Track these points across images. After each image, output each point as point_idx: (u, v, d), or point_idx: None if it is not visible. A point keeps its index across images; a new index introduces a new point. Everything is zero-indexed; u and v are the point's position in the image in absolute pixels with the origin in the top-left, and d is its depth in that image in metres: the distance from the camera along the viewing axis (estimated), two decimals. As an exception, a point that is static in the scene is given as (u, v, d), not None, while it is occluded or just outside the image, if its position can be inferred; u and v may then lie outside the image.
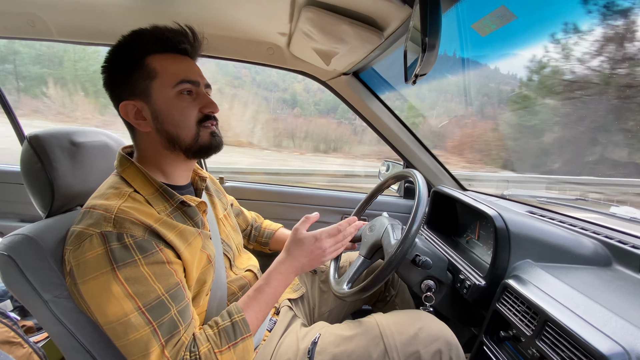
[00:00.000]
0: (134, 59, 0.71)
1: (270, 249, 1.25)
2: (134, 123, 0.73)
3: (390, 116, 1.43)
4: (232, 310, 0.72)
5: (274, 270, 0.81)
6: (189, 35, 0.75)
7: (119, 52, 0.72)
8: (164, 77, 0.72)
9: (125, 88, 0.72)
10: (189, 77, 0.74)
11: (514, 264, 0.85)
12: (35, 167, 0.74)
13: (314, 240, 0.83)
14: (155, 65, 0.71)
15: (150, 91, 0.72)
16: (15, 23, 1.18)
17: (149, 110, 0.73)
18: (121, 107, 0.72)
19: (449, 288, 0.96)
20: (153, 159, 0.77)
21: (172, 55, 0.74)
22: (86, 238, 0.61)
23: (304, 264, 0.82)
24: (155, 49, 0.72)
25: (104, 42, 1.23)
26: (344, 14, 0.82)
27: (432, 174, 1.51)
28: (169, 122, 0.73)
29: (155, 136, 0.74)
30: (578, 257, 0.86)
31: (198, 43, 0.78)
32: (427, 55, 0.53)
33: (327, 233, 0.85)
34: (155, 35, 0.72)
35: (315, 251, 0.82)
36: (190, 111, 0.74)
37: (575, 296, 0.69)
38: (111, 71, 0.73)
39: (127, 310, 0.60)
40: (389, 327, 0.85)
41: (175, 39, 0.73)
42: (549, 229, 0.91)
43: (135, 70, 0.71)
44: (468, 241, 1.23)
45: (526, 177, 3.67)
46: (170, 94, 0.72)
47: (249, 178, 1.81)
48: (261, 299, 0.76)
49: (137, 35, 0.72)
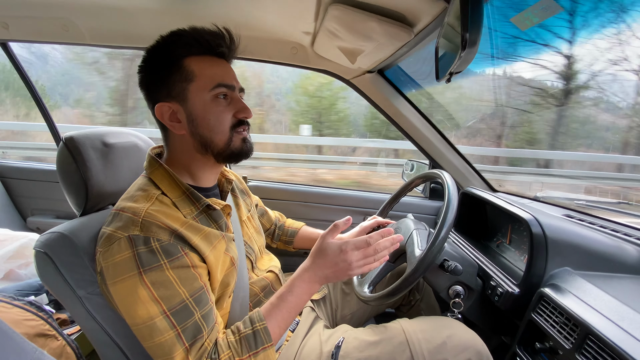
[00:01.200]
0: (172, 60, 0.71)
1: (294, 247, 1.25)
2: (169, 125, 0.73)
3: (417, 114, 1.39)
4: (254, 317, 0.71)
5: (297, 277, 0.76)
6: (226, 38, 0.74)
7: (157, 52, 0.72)
8: (202, 80, 0.72)
9: (162, 89, 0.72)
10: (225, 81, 0.73)
11: (551, 272, 0.80)
12: (70, 168, 0.76)
13: (339, 251, 0.74)
14: (194, 67, 0.71)
15: (187, 94, 0.72)
16: (49, 28, 1.23)
17: (184, 113, 0.73)
18: (157, 109, 0.72)
19: (478, 294, 0.92)
20: (183, 161, 0.77)
21: (210, 58, 0.74)
22: (115, 241, 0.62)
23: (328, 275, 0.75)
24: (193, 51, 0.72)
25: (135, 45, 1.27)
26: (372, 10, 0.79)
27: (460, 175, 1.46)
28: (204, 125, 0.73)
29: (189, 139, 0.74)
30: (621, 265, 0.80)
31: (234, 46, 0.77)
32: (466, 52, 0.50)
33: (354, 245, 0.74)
34: (195, 37, 0.71)
35: (340, 263, 0.73)
36: (225, 116, 0.74)
37: (619, 308, 0.64)
38: (148, 71, 0.73)
39: (153, 313, 0.61)
40: (415, 333, 0.82)
41: (214, 41, 0.73)
42: (589, 235, 0.85)
43: (173, 72, 0.71)
44: (499, 245, 1.18)
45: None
46: (206, 97, 0.72)
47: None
48: (284, 307, 0.73)
49: (176, 36, 0.72)
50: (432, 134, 1.42)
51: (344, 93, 5.58)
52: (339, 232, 0.79)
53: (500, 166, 4.29)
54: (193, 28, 0.72)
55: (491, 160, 4.37)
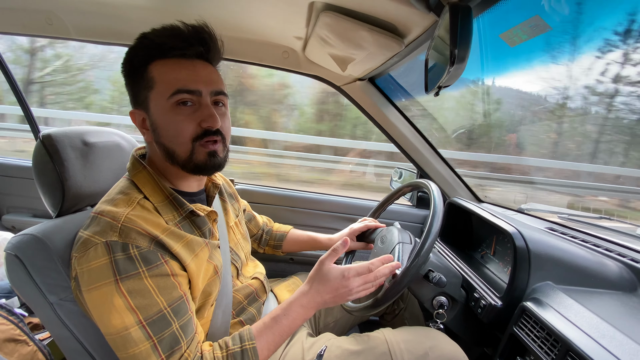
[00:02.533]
0: (137, 66, 0.68)
1: (283, 251, 1.23)
2: (141, 131, 0.72)
3: (406, 124, 1.40)
4: (244, 335, 0.68)
5: (294, 301, 0.74)
6: (195, 37, 0.68)
7: (127, 57, 0.69)
8: (160, 87, 0.66)
9: (132, 96, 0.71)
10: (187, 86, 0.66)
11: (534, 286, 0.81)
12: (46, 167, 0.73)
13: (341, 277, 0.73)
14: (154, 73, 0.67)
15: (149, 102, 0.68)
16: (33, 21, 1.18)
17: (149, 121, 0.70)
18: (130, 114, 0.72)
19: (462, 306, 0.93)
20: (161, 166, 0.75)
21: (176, 60, 0.68)
22: (91, 246, 0.60)
23: (327, 300, 0.73)
24: (157, 55, 0.67)
25: (122, 42, 1.23)
26: (364, 19, 0.79)
27: (447, 184, 1.47)
28: (164, 135, 0.68)
29: (156, 147, 0.72)
30: (602, 281, 0.81)
31: (213, 44, 0.71)
32: (455, 67, 0.50)
33: (357, 271, 0.74)
34: (156, 40, 0.66)
35: (341, 289, 0.73)
36: (185, 125, 0.67)
37: (599, 324, 0.65)
38: (123, 76, 0.71)
39: (128, 323, 0.58)
40: (398, 344, 0.82)
41: (177, 44, 0.66)
42: (571, 250, 0.86)
43: (138, 79, 0.68)
44: (483, 256, 1.19)
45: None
46: (165, 105, 0.67)
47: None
48: (276, 329, 0.70)
49: (141, 39, 0.68)
50: (420, 143, 1.42)
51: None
52: (338, 255, 0.77)
53: (486, 172, 4.36)
54: (157, 30, 0.67)
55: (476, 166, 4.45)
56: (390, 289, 0.76)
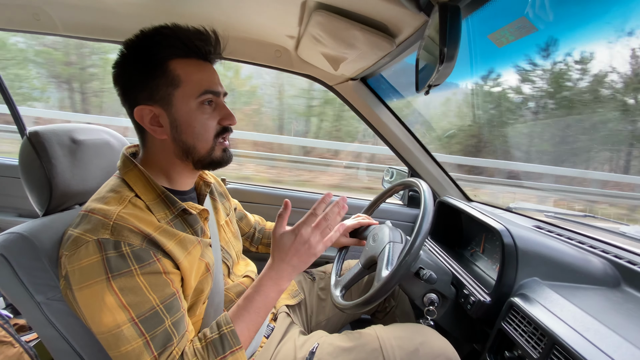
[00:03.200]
0: (155, 62, 0.67)
1: None
2: (149, 129, 0.70)
3: (397, 123, 1.41)
4: (220, 321, 0.68)
5: (263, 276, 0.75)
6: (212, 40, 0.71)
7: (138, 51, 0.67)
8: (188, 87, 0.68)
9: (143, 91, 0.68)
10: (211, 87, 0.71)
11: (521, 282, 0.82)
12: (33, 165, 0.72)
13: (294, 236, 0.74)
14: (180, 72, 0.67)
15: (172, 99, 0.68)
16: (20, 15, 1.16)
17: (167, 118, 0.69)
18: (136, 111, 0.68)
19: (452, 302, 0.94)
20: (160, 164, 0.74)
21: (196, 61, 0.71)
22: (83, 244, 0.59)
23: (295, 265, 0.74)
24: (179, 54, 0.68)
25: (111, 38, 1.22)
26: (356, 19, 0.80)
27: (437, 183, 1.49)
28: (188, 132, 0.70)
29: (170, 144, 0.71)
30: (586, 276, 0.84)
31: (220, 49, 0.74)
32: (444, 66, 0.51)
33: (304, 223, 0.75)
34: (181, 39, 0.67)
35: (300, 248, 0.73)
36: (210, 123, 0.72)
37: (584, 318, 0.66)
38: (127, 70, 0.68)
39: (120, 321, 0.58)
40: (389, 340, 0.83)
41: (202, 45, 0.69)
42: (557, 247, 0.89)
43: (157, 75, 0.67)
44: (472, 254, 1.20)
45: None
46: (192, 104, 0.69)
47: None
48: (251, 308, 0.71)
49: (160, 36, 0.67)
50: (411, 143, 1.44)
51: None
52: (285, 220, 0.79)
53: (475, 176, 4.42)
54: (179, 28, 0.68)
55: (466, 169, 4.51)
56: (381, 287, 0.77)
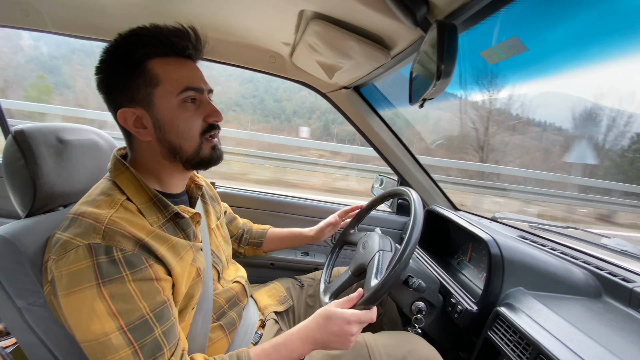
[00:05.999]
0: (134, 63, 0.66)
1: (264, 251, 1.22)
2: (134, 131, 0.69)
3: (388, 132, 1.43)
4: (242, 356, 0.68)
5: (295, 333, 0.74)
6: (192, 38, 0.70)
7: (117, 53, 0.66)
8: (168, 85, 0.67)
9: (124, 94, 0.67)
10: (193, 84, 0.69)
11: (507, 291, 0.84)
12: (17, 164, 0.69)
13: (345, 322, 0.72)
14: (158, 71, 0.66)
15: (153, 99, 0.67)
16: (8, 11, 1.13)
17: (150, 119, 0.68)
18: (119, 114, 0.67)
19: (439, 311, 0.95)
20: (150, 166, 0.73)
21: (175, 59, 0.69)
22: (72, 249, 0.57)
23: (326, 341, 0.72)
24: (156, 53, 0.67)
25: (101, 37, 1.19)
26: (352, 30, 0.81)
27: (426, 192, 1.51)
28: (172, 132, 0.69)
29: (156, 145, 0.70)
30: (569, 287, 0.86)
31: (201, 46, 0.73)
32: (440, 82, 0.52)
33: (360, 319, 0.73)
34: (158, 37, 0.66)
35: (342, 335, 0.72)
36: (195, 121, 0.70)
37: (567, 329, 0.68)
38: (108, 74, 0.67)
39: (108, 329, 0.56)
40: (377, 348, 0.83)
41: (179, 42, 0.68)
42: (541, 257, 0.91)
43: (136, 76, 0.66)
44: (459, 262, 1.22)
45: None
46: (174, 102, 0.68)
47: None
48: (274, 357, 0.70)
49: (136, 36, 0.66)
50: (401, 152, 1.46)
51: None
52: (351, 303, 0.76)
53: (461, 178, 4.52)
54: (155, 27, 0.67)
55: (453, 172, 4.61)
56: (371, 295, 0.77)
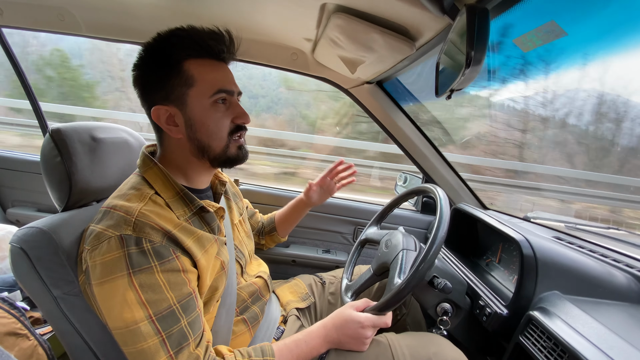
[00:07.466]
0: (171, 62, 0.69)
1: (281, 234, 1.26)
2: (165, 128, 0.72)
3: (413, 128, 1.40)
4: (266, 350, 0.72)
5: (315, 330, 0.79)
6: (227, 41, 0.72)
7: (155, 52, 0.69)
8: (202, 86, 0.70)
9: (160, 92, 0.70)
10: (225, 86, 0.72)
11: (540, 295, 0.80)
12: (55, 161, 0.73)
13: (360, 326, 0.77)
14: (194, 72, 0.69)
15: (187, 99, 0.70)
16: (45, 16, 1.20)
17: (182, 118, 0.71)
18: (153, 111, 0.70)
19: (466, 313, 0.91)
20: (178, 162, 0.76)
21: (210, 61, 0.72)
22: (105, 239, 0.60)
23: (342, 342, 0.78)
24: (193, 54, 0.70)
25: (132, 39, 1.24)
26: (375, 22, 0.79)
27: (452, 190, 1.46)
28: (203, 131, 0.72)
29: (186, 143, 0.73)
30: (610, 291, 0.80)
31: (234, 49, 0.75)
32: (470, 70, 0.49)
33: (374, 323, 0.79)
34: (196, 40, 0.69)
35: (357, 337, 0.78)
36: (224, 122, 0.73)
37: (607, 336, 0.64)
38: (145, 72, 0.70)
39: (138, 318, 0.58)
40: (401, 348, 0.81)
41: (215, 45, 0.71)
42: (579, 259, 0.85)
43: (172, 75, 0.69)
44: (488, 263, 1.17)
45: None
46: (206, 103, 0.71)
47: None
48: (296, 352, 0.74)
49: (175, 37, 0.69)
50: (427, 148, 1.42)
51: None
52: (365, 305, 0.83)
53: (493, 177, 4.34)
54: (193, 29, 0.70)
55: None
56: (393, 295, 0.75)
